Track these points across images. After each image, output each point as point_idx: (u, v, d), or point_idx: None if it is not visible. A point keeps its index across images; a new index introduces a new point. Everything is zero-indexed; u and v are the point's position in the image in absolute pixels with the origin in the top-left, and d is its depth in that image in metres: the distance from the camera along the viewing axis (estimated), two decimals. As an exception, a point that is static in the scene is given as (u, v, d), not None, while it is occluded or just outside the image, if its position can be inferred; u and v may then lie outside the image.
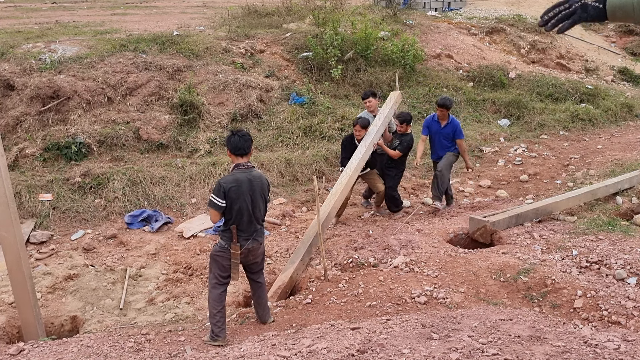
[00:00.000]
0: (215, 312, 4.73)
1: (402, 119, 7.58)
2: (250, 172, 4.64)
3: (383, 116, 7.68)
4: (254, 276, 4.99)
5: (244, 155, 4.65)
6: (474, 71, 13.50)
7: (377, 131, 7.45)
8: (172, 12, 17.28)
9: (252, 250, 4.74)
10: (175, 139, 9.29)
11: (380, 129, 7.53)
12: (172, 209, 7.97)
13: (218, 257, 4.72)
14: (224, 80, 10.55)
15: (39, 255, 6.73)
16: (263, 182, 4.71)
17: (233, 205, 4.53)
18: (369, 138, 7.33)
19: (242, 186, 4.54)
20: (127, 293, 6.00)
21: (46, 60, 9.96)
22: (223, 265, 4.71)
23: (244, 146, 4.61)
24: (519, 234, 6.40)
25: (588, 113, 12.49)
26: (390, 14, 15.72)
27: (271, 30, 13.51)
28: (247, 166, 4.65)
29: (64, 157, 8.51)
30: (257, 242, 4.75)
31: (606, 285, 4.95)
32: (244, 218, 4.59)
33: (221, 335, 4.69)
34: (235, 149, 4.61)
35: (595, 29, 18.93)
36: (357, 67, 12.28)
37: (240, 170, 4.62)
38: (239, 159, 4.64)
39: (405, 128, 7.57)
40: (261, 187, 4.67)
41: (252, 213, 4.61)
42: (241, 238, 4.63)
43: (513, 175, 9.48)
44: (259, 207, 4.67)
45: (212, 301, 4.77)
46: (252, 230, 4.67)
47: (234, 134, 4.63)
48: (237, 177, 4.56)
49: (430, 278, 5.37)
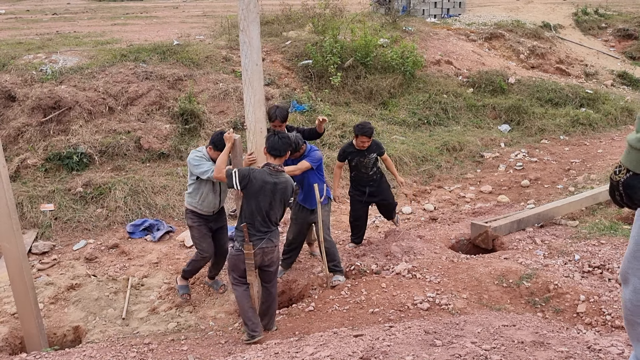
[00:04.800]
0: (244, 310, 4.85)
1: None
2: (278, 176, 4.67)
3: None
4: (267, 284, 5.01)
5: (278, 157, 4.69)
6: (474, 77, 13.54)
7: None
8: (172, 22, 17.34)
9: (267, 252, 4.75)
10: (176, 148, 9.31)
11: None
12: (174, 217, 7.97)
13: (234, 259, 4.80)
14: (225, 88, 10.58)
15: (41, 265, 6.73)
16: (287, 187, 4.72)
17: (250, 201, 4.60)
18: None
19: (266, 187, 4.59)
20: (130, 302, 5.99)
21: (47, 71, 10.00)
22: (239, 267, 4.78)
23: (280, 148, 4.67)
24: (520, 239, 6.39)
25: (588, 117, 12.50)
26: (390, 21, 15.79)
27: (271, 38, 13.56)
28: (277, 169, 4.68)
29: (65, 168, 8.52)
30: (272, 243, 4.77)
31: (609, 290, 4.94)
32: (258, 217, 4.63)
33: (257, 330, 4.81)
34: (272, 149, 4.68)
35: (594, 33, 18.98)
36: (356, 75, 12.31)
37: (270, 170, 4.65)
38: (273, 159, 4.69)
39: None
40: (284, 192, 4.69)
41: (266, 214, 4.65)
42: (254, 237, 4.66)
43: (514, 180, 9.48)
44: (275, 210, 4.70)
45: (238, 301, 4.89)
46: (265, 231, 4.69)
47: (275, 134, 4.73)
48: (264, 177, 4.60)
49: (433, 284, 5.36)
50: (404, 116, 11.74)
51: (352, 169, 6.54)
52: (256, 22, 4.73)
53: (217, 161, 4.85)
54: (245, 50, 4.74)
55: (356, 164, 6.43)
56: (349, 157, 6.47)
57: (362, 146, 6.29)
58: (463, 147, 10.72)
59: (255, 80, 4.81)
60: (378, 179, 6.59)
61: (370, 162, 6.43)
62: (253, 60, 4.74)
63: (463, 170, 10.09)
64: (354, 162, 6.44)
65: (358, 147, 6.34)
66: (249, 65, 4.74)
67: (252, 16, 4.66)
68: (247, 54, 4.73)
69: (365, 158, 6.39)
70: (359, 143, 6.30)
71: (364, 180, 6.51)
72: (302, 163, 5.54)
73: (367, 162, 6.41)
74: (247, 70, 4.77)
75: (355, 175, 6.55)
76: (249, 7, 4.63)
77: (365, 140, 6.24)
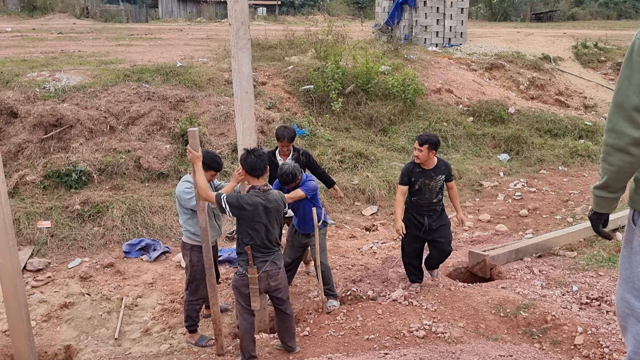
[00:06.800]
0: (246, 343, 4.66)
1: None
2: (267, 195, 4.47)
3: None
4: (282, 307, 4.82)
5: (260, 177, 4.50)
6: (474, 106, 13.63)
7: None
8: (176, 44, 17.52)
9: (272, 275, 4.58)
10: (175, 168, 9.32)
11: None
12: (171, 238, 7.94)
13: (239, 286, 4.59)
14: (226, 111, 10.64)
15: (35, 282, 6.68)
16: (279, 204, 4.56)
17: (246, 226, 4.42)
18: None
19: (258, 210, 4.40)
20: (123, 323, 5.93)
21: (50, 89, 10.07)
22: (245, 293, 4.57)
23: (261, 166, 4.45)
24: (518, 269, 6.36)
25: (587, 149, 12.55)
26: (392, 48, 15.95)
27: (273, 62, 13.69)
28: (264, 189, 4.49)
29: (64, 185, 8.52)
30: (276, 266, 4.60)
31: (607, 322, 4.90)
32: (257, 241, 4.46)
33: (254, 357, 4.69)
34: (253, 170, 4.45)
35: (593, 66, 19.16)
36: (357, 101, 12.40)
37: (256, 192, 4.46)
38: (255, 180, 4.49)
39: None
40: (277, 212, 4.54)
41: (265, 237, 4.49)
42: (258, 260, 4.48)
43: (512, 209, 9.48)
44: (272, 231, 4.54)
45: (241, 332, 4.68)
46: (267, 252, 4.53)
47: (250, 154, 4.47)
48: (254, 201, 4.40)
49: (429, 312, 5.32)
50: (403, 143, 11.79)
51: (413, 194, 5.61)
52: (246, 48, 4.65)
53: (199, 183, 4.52)
54: (236, 77, 4.69)
55: (420, 187, 5.52)
56: (412, 178, 5.54)
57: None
58: (462, 176, 10.74)
59: (245, 108, 4.77)
60: (440, 210, 5.70)
61: (437, 186, 5.55)
62: (243, 87, 4.70)
63: (462, 198, 10.07)
64: (417, 186, 5.52)
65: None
66: (239, 92, 4.71)
67: (242, 43, 4.62)
68: (237, 81, 4.68)
69: (432, 180, 5.51)
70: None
71: (425, 208, 5.58)
72: (296, 192, 5.43)
73: (433, 185, 5.52)
74: (237, 97, 4.75)
75: (416, 202, 5.62)
76: (238, 33, 4.59)
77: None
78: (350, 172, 10.25)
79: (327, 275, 5.75)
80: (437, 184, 5.54)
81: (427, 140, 5.40)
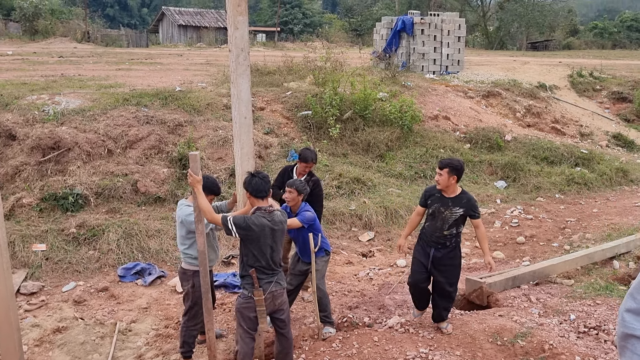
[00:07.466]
0: None
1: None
2: (272, 216, 4.50)
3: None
4: (283, 330, 4.80)
5: (265, 198, 4.53)
6: (471, 133, 13.72)
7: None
8: (175, 69, 17.67)
9: (277, 295, 4.57)
10: (172, 192, 9.31)
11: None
12: (167, 262, 7.89)
13: (244, 309, 4.54)
14: (224, 135, 10.68)
15: (28, 306, 6.61)
16: (284, 226, 4.62)
17: (252, 247, 4.42)
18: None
19: (265, 231, 4.42)
20: (116, 348, 5.85)
21: (49, 112, 10.11)
22: (250, 317, 4.54)
23: (265, 188, 4.50)
24: (515, 297, 6.33)
25: (583, 177, 12.61)
26: (389, 75, 16.11)
27: (272, 88, 13.79)
28: (269, 210, 4.51)
29: (60, 208, 8.49)
30: (280, 286, 4.60)
31: (605, 352, 4.87)
32: (262, 262, 4.46)
33: None
34: (257, 192, 4.49)
35: (589, 95, 19.36)
36: (355, 127, 12.47)
37: (262, 213, 4.47)
38: (260, 201, 4.52)
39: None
40: (282, 232, 4.58)
41: (270, 258, 4.50)
42: (263, 281, 4.47)
43: (509, 237, 9.47)
44: (277, 252, 4.57)
45: (241, 356, 4.62)
46: (271, 274, 4.53)
47: (254, 176, 4.52)
48: (261, 222, 4.41)
49: (426, 339, 5.27)
50: (400, 169, 11.83)
51: (427, 218, 5.43)
52: (246, 75, 4.69)
53: (202, 206, 4.52)
54: (235, 102, 4.73)
55: (434, 212, 5.30)
56: (429, 201, 5.36)
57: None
58: (459, 202, 10.74)
59: (244, 133, 4.79)
60: (451, 247, 5.35)
61: (451, 218, 5.25)
62: (242, 113, 4.73)
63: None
64: (431, 209, 5.33)
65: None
66: (238, 118, 4.73)
67: (242, 69, 4.66)
68: (236, 106, 4.72)
69: (447, 210, 5.24)
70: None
71: (434, 237, 5.32)
72: (293, 221, 5.41)
73: (447, 215, 5.24)
74: (236, 122, 4.77)
75: (426, 229, 5.41)
76: (238, 59, 4.64)
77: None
78: (348, 197, 10.26)
79: (324, 302, 5.72)
80: (453, 216, 5.24)
81: (448, 164, 5.21)
